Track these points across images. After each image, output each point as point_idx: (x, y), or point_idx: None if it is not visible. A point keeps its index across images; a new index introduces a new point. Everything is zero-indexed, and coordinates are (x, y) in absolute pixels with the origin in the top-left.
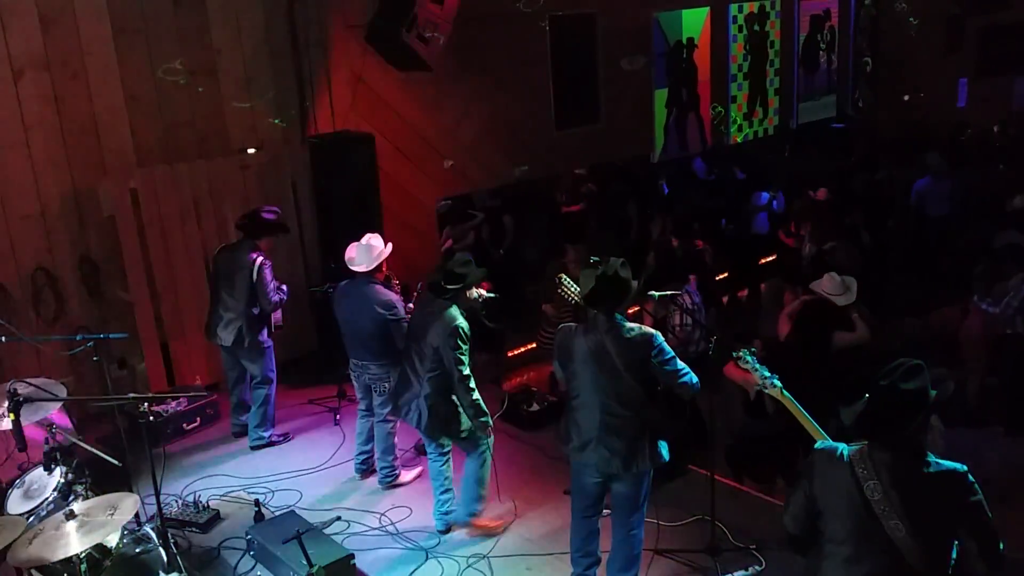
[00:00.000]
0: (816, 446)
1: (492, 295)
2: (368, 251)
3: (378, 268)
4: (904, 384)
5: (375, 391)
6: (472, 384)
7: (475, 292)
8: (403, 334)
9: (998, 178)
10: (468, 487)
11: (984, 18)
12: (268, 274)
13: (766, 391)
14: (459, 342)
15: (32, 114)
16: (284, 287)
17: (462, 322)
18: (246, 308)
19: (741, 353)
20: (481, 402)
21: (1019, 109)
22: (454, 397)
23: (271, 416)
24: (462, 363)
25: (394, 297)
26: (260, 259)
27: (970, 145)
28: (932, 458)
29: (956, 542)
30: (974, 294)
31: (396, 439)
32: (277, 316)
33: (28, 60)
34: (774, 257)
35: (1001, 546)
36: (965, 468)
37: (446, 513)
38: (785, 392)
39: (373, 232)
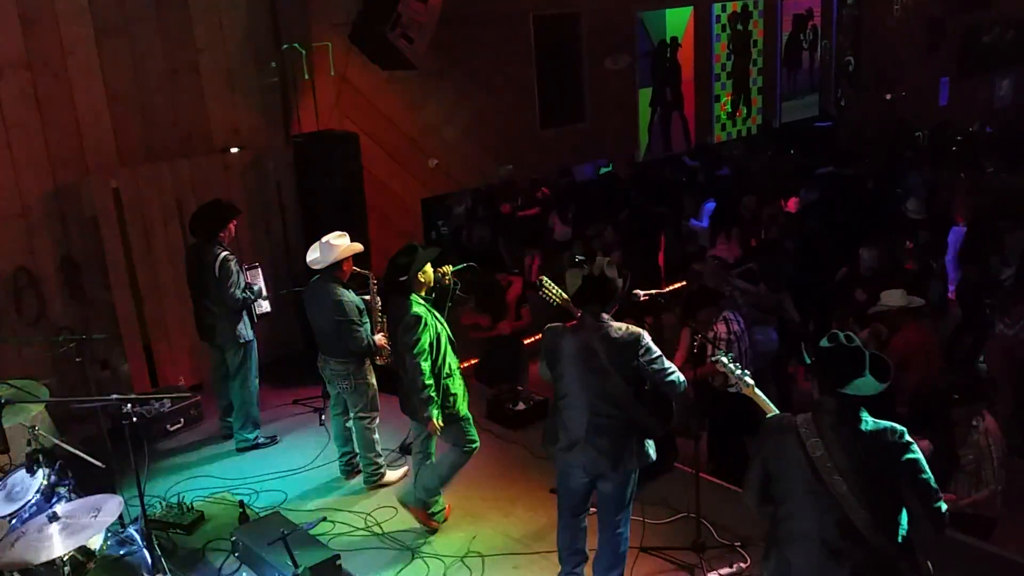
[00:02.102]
0: (767, 416)
1: (463, 266)
2: (327, 249)
3: (337, 267)
4: (849, 342)
5: (336, 387)
6: (425, 379)
7: (437, 272)
8: (352, 336)
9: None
10: (431, 474)
11: (964, 18)
12: (232, 268)
13: (738, 390)
14: (411, 328)
15: (13, 114)
16: (256, 287)
17: (417, 309)
18: (218, 305)
19: (718, 355)
20: (431, 393)
21: (1000, 107)
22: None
23: (254, 417)
24: (411, 350)
25: (348, 298)
26: (223, 254)
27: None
28: (868, 418)
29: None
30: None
31: (377, 435)
32: (264, 305)
33: (8, 59)
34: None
35: (943, 507)
36: (903, 428)
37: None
38: (757, 390)
39: (354, 231)
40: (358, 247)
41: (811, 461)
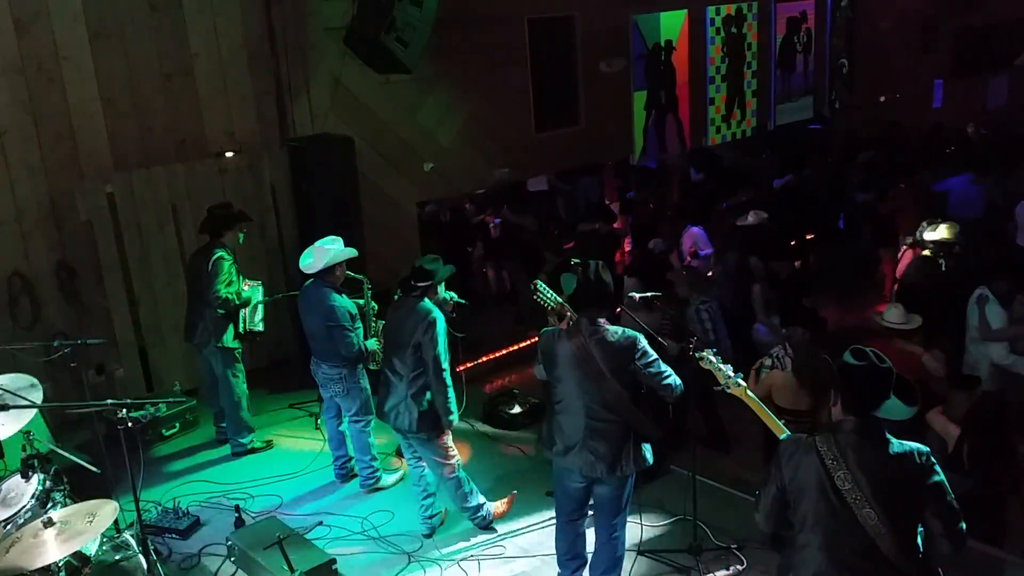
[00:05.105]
0: (782, 437)
1: (462, 301)
2: (320, 254)
3: (330, 271)
4: (879, 363)
5: (329, 391)
6: (448, 379)
7: (446, 293)
8: (344, 342)
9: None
10: (457, 503)
11: (958, 20)
12: (223, 267)
13: (728, 391)
14: (436, 333)
15: (7, 118)
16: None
17: (437, 314)
18: (208, 308)
19: (704, 353)
20: (453, 400)
21: (993, 109)
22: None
23: (247, 422)
24: (439, 355)
25: (339, 303)
26: (220, 253)
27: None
28: (894, 440)
29: (920, 525)
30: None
31: (372, 439)
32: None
33: (2, 64)
34: None
35: (963, 525)
36: (927, 449)
37: (430, 517)
38: (749, 392)
39: (349, 235)
40: (351, 252)
41: (840, 493)
